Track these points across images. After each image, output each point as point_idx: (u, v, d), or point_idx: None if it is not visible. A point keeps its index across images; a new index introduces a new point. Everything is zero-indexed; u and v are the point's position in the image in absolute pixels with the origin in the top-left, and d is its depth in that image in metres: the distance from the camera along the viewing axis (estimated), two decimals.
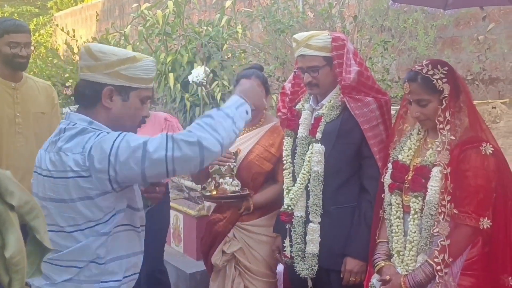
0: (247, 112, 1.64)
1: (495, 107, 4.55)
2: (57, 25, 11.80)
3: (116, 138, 1.54)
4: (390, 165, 2.08)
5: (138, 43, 6.80)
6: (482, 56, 5.05)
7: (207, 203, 3.42)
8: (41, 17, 17.00)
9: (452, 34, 5.29)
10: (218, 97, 5.84)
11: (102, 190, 1.55)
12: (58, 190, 1.55)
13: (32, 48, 4.21)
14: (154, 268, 3.25)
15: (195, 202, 4.24)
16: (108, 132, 1.60)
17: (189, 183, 4.76)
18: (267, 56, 4.88)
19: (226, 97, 5.96)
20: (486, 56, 4.93)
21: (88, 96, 1.65)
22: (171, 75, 5.95)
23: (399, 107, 2.21)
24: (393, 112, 2.53)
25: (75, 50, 8.30)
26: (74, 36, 8.63)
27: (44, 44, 12.74)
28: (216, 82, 5.82)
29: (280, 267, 2.77)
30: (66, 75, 7.87)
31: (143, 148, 1.50)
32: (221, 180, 2.51)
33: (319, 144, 2.23)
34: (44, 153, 1.63)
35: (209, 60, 5.65)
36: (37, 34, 14.68)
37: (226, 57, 6.01)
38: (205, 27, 5.90)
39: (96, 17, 11.83)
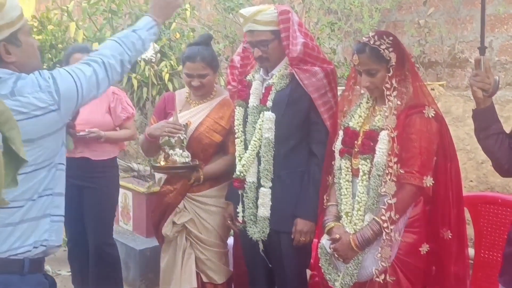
0: (154, 34, 1.92)
1: (433, 89, 4.79)
2: None
3: (70, 74, 1.68)
4: (340, 132, 2.17)
5: (81, 22, 6.58)
6: (422, 40, 5.28)
7: (157, 177, 3.41)
8: None
9: (395, 18, 5.49)
10: (166, 78, 5.78)
11: (63, 122, 1.66)
12: (25, 132, 1.49)
13: None
14: (103, 242, 3.23)
15: (144, 180, 4.20)
16: (46, 71, 1.67)
17: (136, 166, 4.72)
18: (217, 35, 4.87)
19: (174, 77, 5.91)
20: (426, 40, 5.17)
21: None
22: None
23: (344, 87, 2.30)
24: (339, 93, 2.61)
25: None
26: None
27: None
28: (164, 63, 5.75)
29: (230, 240, 2.83)
30: None
31: (95, 74, 1.72)
32: (171, 151, 2.51)
33: (270, 112, 2.28)
34: None
35: (157, 40, 5.57)
36: None
37: (174, 37, 5.93)
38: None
39: None
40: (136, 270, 3.76)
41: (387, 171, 1.96)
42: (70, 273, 3.78)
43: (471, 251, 2.62)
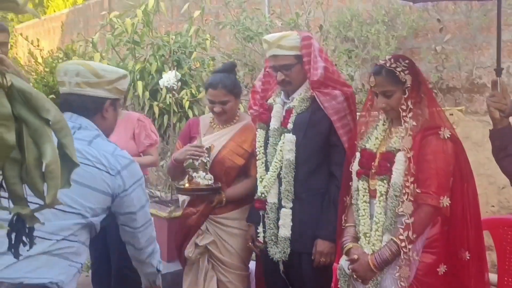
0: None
1: (452, 114, 4.82)
2: (21, 34, 11.62)
3: (140, 178, 1.91)
4: (358, 154, 2.22)
5: (105, 52, 6.82)
6: (439, 66, 5.34)
7: (181, 199, 3.49)
8: None
9: (411, 45, 5.58)
10: (186, 106, 5.93)
11: (114, 193, 1.81)
12: (79, 174, 1.63)
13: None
14: (125, 265, 3.28)
15: (166, 206, 4.27)
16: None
17: (157, 193, 4.81)
18: (237, 63, 5.00)
19: (194, 105, 6.06)
20: (444, 66, 5.23)
21: (90, 109, 1.86)
22: (139, 83, 6.00)
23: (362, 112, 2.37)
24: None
25: (39, 60, 8.23)
26: (38, 46, 8.55)
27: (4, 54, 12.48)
28: (184, 91, 5.91)
29: (252, 264, 2.86)
30: (30, 84, 7.79)
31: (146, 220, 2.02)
32: (195, 174, 2.59)
33: (291, 134, 2.35)
34: None
35: (178, 68, 5.74)
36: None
37: (194, 66, 6.11)
38: (173, 37, 6.00)
39: (62, 27, 11.72)
40: None
41: (404, 191, 2.00)
42: None
43: (494, 277, 2.60)
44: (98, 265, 3.47)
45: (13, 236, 0.71)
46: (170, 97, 5.82)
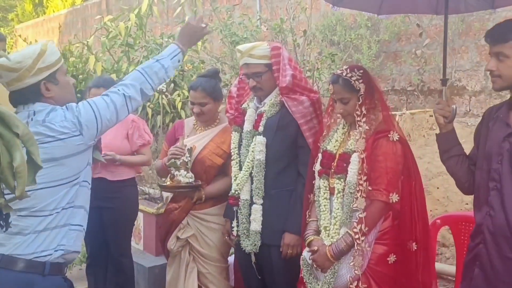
0: (179, 61, 2.18)
1: (432, 116, 5.04)
2: (20, 35, 11.84)
3: (90, 105, 1.97)
4: (320, 155, 2.43)
5: (101, 54, 7.03)
6: (421, 69, 5.56)
7: (165, 196, 3.70)
8: (2, 28, 16.88)
9: (395, 49, 5.80)
10: (179, 106, 6.15)
11: (88, 145, 1.95)
12: (52, 151, 1.86)
13: None
14: (121, 254, 3.52)
15: (154, 202, 4.49)
16: (72, 104, 1.98)
17: (147, 190, 5.03)
18: (224, 66, 5.22)
19: (186, 105, 6.27)
20: (424, 69, 5.45)
21: (31, 97, 1.95)
22: None
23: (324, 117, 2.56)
24: None
25: None
26: None
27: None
28: (177, 92, 6.13)
29: (231, 258, 3.08)
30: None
31: (113, 104, 1.99)
32: (176, 172, 2.81)
33: (261, 136, 2.58)
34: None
35: None
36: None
37: (186, 67, 6.32)
38: (166, 39, 6.22)
39: (59, 29, 11.93)
40: (145, 287, 4.01)
41: (358, 189, 2.21)
42: None
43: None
44: (93, 257, 3.66)
45: None
46: (162, 98, 6.02)
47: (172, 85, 6.06)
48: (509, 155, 1.88)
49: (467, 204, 4.62)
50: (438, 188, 4.43)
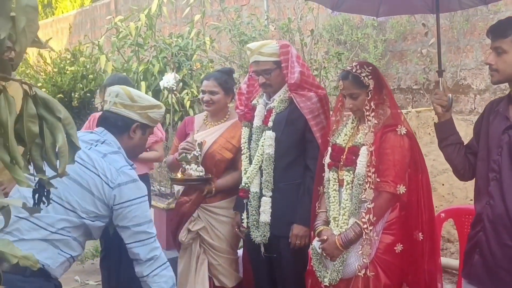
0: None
1: None
2: None
3: (140, 197, 2.05)
4: (329, 148, 2.52)
5: (111, 54, 7.15)
6: (426, 68, 5.62)
7: (176, 189, 3.79)
8: None
9: (401, 48, 5.86)
10: (188, 105, 6.24)
11: (109, 204, 2.02)
12: (82, 176, 1.97)
13: None
14: None
15: (165, 198, 4.59)
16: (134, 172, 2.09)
17: (157, 186, 5.13)
18: (233, 65, 5.31)
19: (195, 104, 6.37)
20: (430, 68, 5.50)
21: (119, 126, 2.13)
22: (142, 84, 6.30)
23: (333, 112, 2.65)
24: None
25: (48, 61, 8.56)
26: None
27: None
28: (185, 91, 6.21)
29: (240, 251, 3.16)
30: (39, 84, 8.12)
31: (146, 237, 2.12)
32: (187, 166, 2.90)
33: (271, 131, 2.66)
34: (84, 147, 2.02)
35: (179, 69, 6.05)
36: None
37: (195, 67, 6.42)
38: (175, 39, 6.31)
39: (70, 29, 12.06)
40: None
41: (366, 180, 2.29)
42: (97, 283, 4.15)
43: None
44: (107, 251, 3.74)
45: (36, 196, 1.03)
46: (171, 97, 6.11)
47: (181, 84, 6.15)
48: (508, 147, 1.96)
49: (471, 200, 4.66)
50: (443, 184, 4.49)
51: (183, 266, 3.10)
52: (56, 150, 0.96)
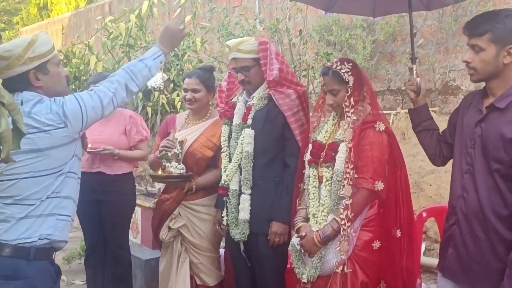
0: (161, 62, 2.24)
1: None
2: None
3: (76, 98, 2.01)
4: (310, 145, 2.50)
5: (103, 55, 7.14)
6: None
7: (157, 187, 3.78)
8: (7, 31, 17.06)
9: (390, 49, 5.86)
10: (178, 106, 6.23)
11: (73, 138, 1.99)
12: (36, 142, 1.91)
13: None
14: (118, 245, 3.59)
15: (152, 197, 4.57)
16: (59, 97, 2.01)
17: (144, 187, 5.12)
18: (221, 65, 5.30)
19: (184, 105, 6.35)
20: (420, 69, 5.52)
21: (20, 87, 1.99)
22: None
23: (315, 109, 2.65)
24: None
25: None
26: None
27: None
28: (176, 91, 6.21)
29: (222, 250, 3.14)
30: None
31: (99, 99, 2.05)
32: (168, 164, 2.88)
33: (250, 129, 2.65)
34: None
35: (169, 70, 6.04)
36: None
37: (187, 68, 6.41)
38: None
39: (62, 31, 12.05)
40: (142, 279, 4.09)
41: (345, 177, 2.28)
42: (83, 283, 4.13)
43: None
44: (92, 249, 3.74)
45: None
46: (162, 98, 6.10)
47: (172, 85, 6.15)
48: (480, 140, 1.95)
49: None
50: (430, 185, 4.48)
51: (164, 264, 3.08)
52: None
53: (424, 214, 2.98)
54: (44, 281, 1.95)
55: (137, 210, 4.39)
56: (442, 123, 5.51)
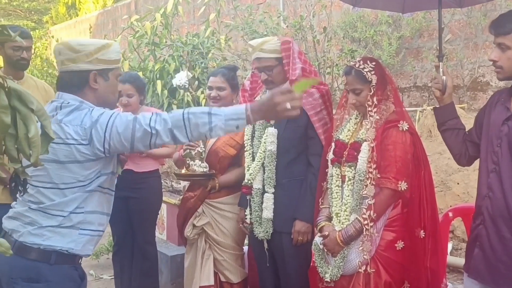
0: (237, 127, 1.78)
1: None
2: (52, 36, 12.25)
3: (110, 117, 1.86)
4: (333, 144, 2.50)
5: (129, 54, 7.24)
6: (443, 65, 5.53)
7: (182, 185, 3.83)
8: (37, 30, 17.46)
9: (417, 45, 5.78)
10: (203, 103, 6.28)
11: (96, 156, 1.88)
12: (57, 154, 1.87)
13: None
14: (145, 241, 3.67)
15: (178, 194, 4.64)
16: (98, 110, 1.91)
17: (169, 183, 5.19)
18: (245, 63, 5.32)
19: (208, 102, 6.41)
20: (446, 65, 5.42)
21: (76, 83, 1.94)
22: (158, 82, 6.37)
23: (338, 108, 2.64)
24: None
25: None
26: None
27: (40, 56, 13.15)
28: (200, 89, 6.26)
29: (246, 248, 3.17)
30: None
31: (132, 131, 1.83)
32: (191, 162, 2.93)
33: (273, 128, 2.66)
34: None
35: (194, 68, 6.10)
36: (33, 46, 15.14)
37: (212, 66, 6.46)
38: (190, 38, 6.36)
39: (90, 29, 12.27)
40: (168, 275, 4.15)
41: (367, 176, 2.27)
42: (111, 277, 4.23)
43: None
44: (119, 245, 3.81)
45: (13, 185, 1.06)
46: (187, 95, 6.16)
47: (196, 82, 6.20)
48: (507, 139, 1.92)
49: None
50: (458, 183, 4.41)
51: (189, 261, 3.13)
52: (29, 141, 0.98)
53: (451, 214, 2.94)
54: (65, 285, 1.94)
55: (163, 206, 4.45)
56: (470, 120, 5.43)
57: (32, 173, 1.75)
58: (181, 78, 4.98)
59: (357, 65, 2.38)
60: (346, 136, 2.46)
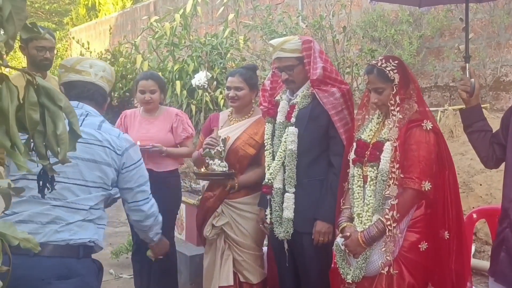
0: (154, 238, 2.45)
1: None
2: (73, 38, 12.41)
3: (140, 159, 2.21)
4: (354, 144, 2.48)
5: (148, 54, 7.30)
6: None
7: (201, 184, 3.83)
8: (57, 32, 17.71)
9: (438, 44, 5.70)
10: (221, 103, 6.30)
11: (118, 169, 2.14)
12: (92, 153, 2.05)
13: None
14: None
15: (196, 194, 4.64)
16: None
17: (188, 183, 5.20)
18: (264, 63, 5.31)
19: (227, 102, 6.42)
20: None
21: (98, 99, 2.18)
22: (178, 83, 6.40)
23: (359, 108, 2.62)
24: None
25: None
26: (88, 48, 9.18)
27: (61, 57, 13.35)
28: (219, 89, 6.28)
29: (265, 248, 3.16)
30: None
31: (147, 195, 2.29)
32: (211, 161, 2.93)
33: (293, 127, 2.64)
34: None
35: (212, 68, 6.12)
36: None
37: (230, 66, 6.47)
38: (209, 38, 6.38)
39: (110, 30, 12.40)
40: (187, 275, 4.16)
41: (390, 176, 2.24)
42: (130, 277, 4.25)
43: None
44: (138, 245, 3.83)
45: (40, 182, 1.06)
46: (206, 96, 6.18)
47: (215, 83, 6.22)
48: None
49: None
50: (481, 184, 4.34)
51: (208, 261, 3.13)
52: (57, 138, 0.98)
53: (475, 215, 2.89)
54: (92, 277, 2.07)
55: (182, 206, 4.46)
56: (493, 120, 5.36)
57: (60, 169, 1.87)
58: (200, 78, 5.02)
59: (379, 64, 2.35)
60: (368, 136, 2.43)
